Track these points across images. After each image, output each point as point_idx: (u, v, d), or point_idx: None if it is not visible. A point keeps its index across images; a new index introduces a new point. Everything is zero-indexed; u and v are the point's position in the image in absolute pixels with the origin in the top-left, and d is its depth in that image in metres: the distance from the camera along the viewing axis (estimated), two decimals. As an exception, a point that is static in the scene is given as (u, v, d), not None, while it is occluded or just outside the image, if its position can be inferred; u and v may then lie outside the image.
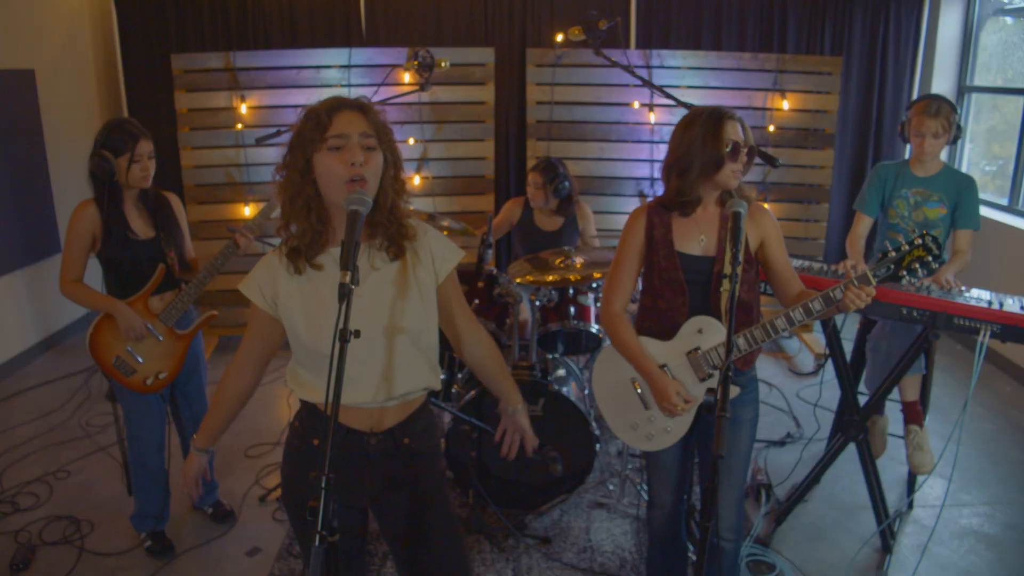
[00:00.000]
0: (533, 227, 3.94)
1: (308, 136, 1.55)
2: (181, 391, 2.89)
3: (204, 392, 2.97)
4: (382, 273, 1.65)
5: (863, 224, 3.10)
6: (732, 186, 2.07)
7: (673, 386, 2.07)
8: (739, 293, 2.07)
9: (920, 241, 1.85)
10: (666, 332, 2.13)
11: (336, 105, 1.56)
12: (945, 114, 2.84)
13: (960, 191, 2.94)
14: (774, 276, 2.18)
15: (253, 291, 1.65)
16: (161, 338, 2.70)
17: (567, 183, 3.79)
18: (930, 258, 1.84)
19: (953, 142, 2.94)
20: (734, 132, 2.02)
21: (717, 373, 2.07)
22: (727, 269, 2.04)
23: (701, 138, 2.01)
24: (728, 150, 2.01)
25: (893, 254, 1.87)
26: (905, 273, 1.86)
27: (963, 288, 2.66)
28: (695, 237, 2.12)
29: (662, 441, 2.19)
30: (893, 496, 3.23)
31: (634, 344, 2.13)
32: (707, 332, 2.08)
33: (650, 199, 5.05)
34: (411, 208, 1.71)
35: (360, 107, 1.58)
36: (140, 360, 2.67)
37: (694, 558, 2.55)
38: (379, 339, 1.62)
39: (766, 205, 4.92)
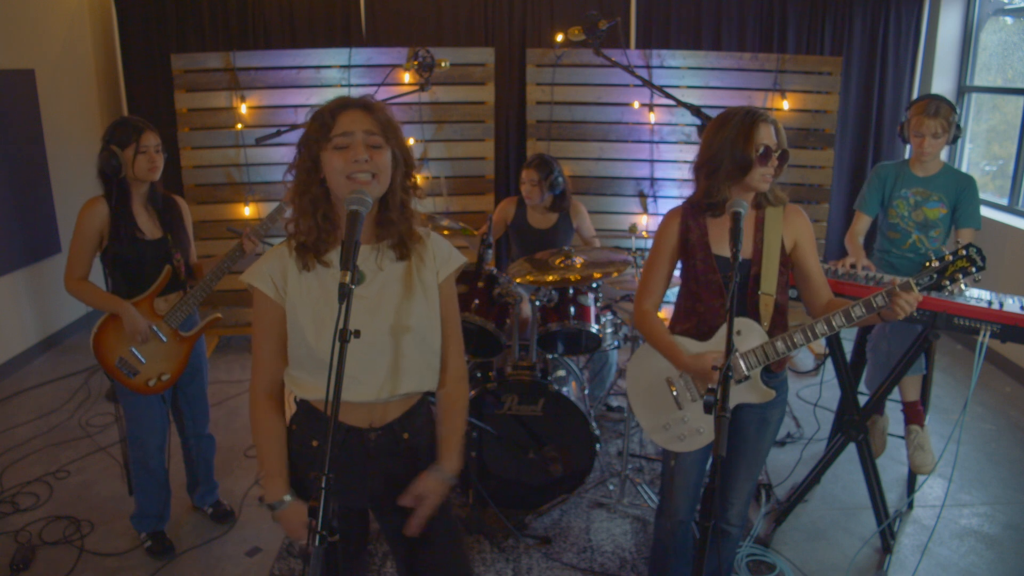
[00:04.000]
0: (526, 225, 3.94)
1: (314, 135, 1.56)
2: (183, 392, 2.89)
3: (206, 393, 2.98)
4: (388, 273, 1.65)
5: (862, 223, 3.11)
6: (762, 189, 2.03)
7: (709, 359, 2.02)
8: (775, 295, 2.06)
9: (964, 252, 1.87)
10: (704, 335, 2.11)
11: (341, 104, 1.58)
12: (944, 114, 2.85)
13: (960, 191, 2.95)
14: (804, 281, 2.15)
15: (263, 280, 1.61)
16: (165, 339, 2.70)
17: (561, 179, 3.81)
18: (973, 269, 1.87)
19: (953, 142, 2.94)
20: (767, 135, 1.98)
21: (755, 373, 2.06)
22: (767, 279, 2.02)
23: (732, 139, 1.98)
24: (759, 153, 1.97)
25: (937, 264, 1.89)
26: (948, 283, 1.89)
27: (967, 289, 2.63)
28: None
29: (694, 442, 2.17)
30: (893, 496, 3.23)
31: (667, 339, 2.11)
32: (745, 334, 2.05)
33: (649, 199, 5.09)
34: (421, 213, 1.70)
35: (365, 106, 1.59)
36: (143, 361, 2.67)
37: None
38: (384, 338, 1.62)
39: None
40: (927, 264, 1.91)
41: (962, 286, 1.89)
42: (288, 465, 1.69)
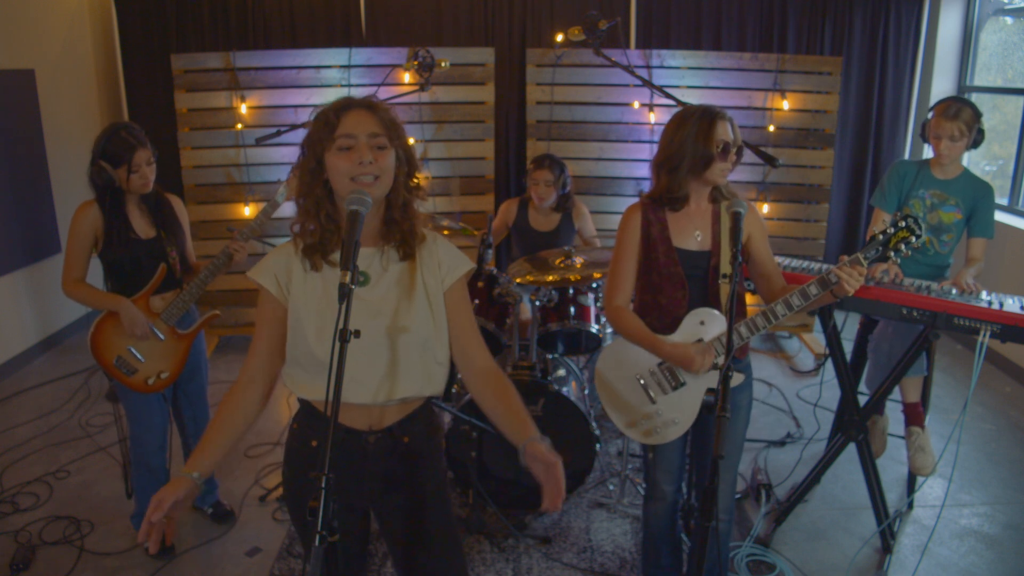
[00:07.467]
0: (528, 227, 3.94)
1: (317, 136, 1.56)
2: (183, 391, 2.89)
3: (206, 392, 2.98)
4: (392, 275, 1.65)
5: (882, 221, 3.05)
6: (720, 183, 2.14)
7: (693, 348, 2.11)
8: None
9: (904, 223, 1.98)
10: (667, 327, 2.18)
11: (344, 105, 1.57)
12: (964, 118, 2.78)
13: (978, 198, 2.89)
14: (758, 271, 2.24)
15: (267, 278, 1.61)
16: (163, 337, 2.70)
17: (568, 179, 3.84)
18: (913, 238, 1.98)
19: (974, 146, 2.87)
20: (724, 132, 2.08)
21: (722, 359, 2.10)
22: (725, 268, 2.09)
23: (693, 137, 2.07)
24: (719, 150, 2.07)
25: (880, 237, 2.01)
26: (892, 254, 2.00)
27: (984, 292, 2.64)
28: (691, 232, 2.17)
29: (669, 434, 2.22)
30: (893, 496, 3.23)
31: (643, 329, 2.17)
32: (709, 324, 2.13)
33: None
34: (427, 216, 1.70)
35: (369, 106, 1.58)
36: (141, 360, 2.67)
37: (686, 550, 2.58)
38: (384, 339, 1.62)
39: (765, 205, 4.96)
40: (870, 238, 2.02)
41: (904, 253, 2.01)
42: (286, 463, 1.75)
